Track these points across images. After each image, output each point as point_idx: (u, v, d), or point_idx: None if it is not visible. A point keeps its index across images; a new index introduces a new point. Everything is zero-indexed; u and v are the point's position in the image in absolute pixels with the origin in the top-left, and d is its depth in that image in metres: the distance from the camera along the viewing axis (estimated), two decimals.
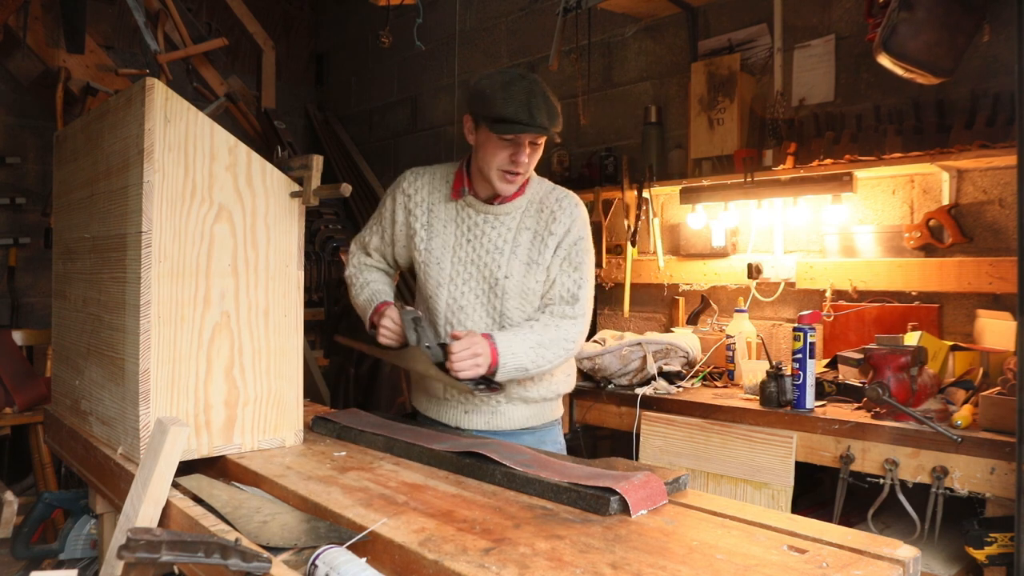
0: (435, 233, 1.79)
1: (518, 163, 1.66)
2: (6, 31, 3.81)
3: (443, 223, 1.79)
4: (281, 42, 5.37)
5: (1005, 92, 2.37)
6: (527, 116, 1.59)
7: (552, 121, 1.63)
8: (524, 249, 1.74)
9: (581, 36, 3.30)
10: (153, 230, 1.39)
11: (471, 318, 1.75)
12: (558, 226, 1.74)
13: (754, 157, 2.88)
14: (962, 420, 1.90)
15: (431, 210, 1.80)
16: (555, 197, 1.78)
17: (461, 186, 1.77)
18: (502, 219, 1.76)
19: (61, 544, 1.94)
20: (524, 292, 1.74)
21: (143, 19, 3.82)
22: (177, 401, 1.42)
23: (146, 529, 1.00)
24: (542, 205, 1.77)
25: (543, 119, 1.60)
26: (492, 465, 1.33)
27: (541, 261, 1.73)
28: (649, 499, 1.17)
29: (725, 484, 2.27)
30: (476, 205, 1.77)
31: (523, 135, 1.63)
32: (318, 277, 4.53)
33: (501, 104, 1.60)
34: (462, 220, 1.78)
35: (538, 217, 1.76)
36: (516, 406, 1.79)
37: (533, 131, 1.61)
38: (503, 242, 1.75)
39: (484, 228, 1.76)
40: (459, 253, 1.77)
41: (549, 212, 1.75)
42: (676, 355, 2.64)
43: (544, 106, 1.61)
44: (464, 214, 1.78)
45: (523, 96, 1.60)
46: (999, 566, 1.80)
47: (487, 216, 1.76)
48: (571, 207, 1.77)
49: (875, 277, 2.66)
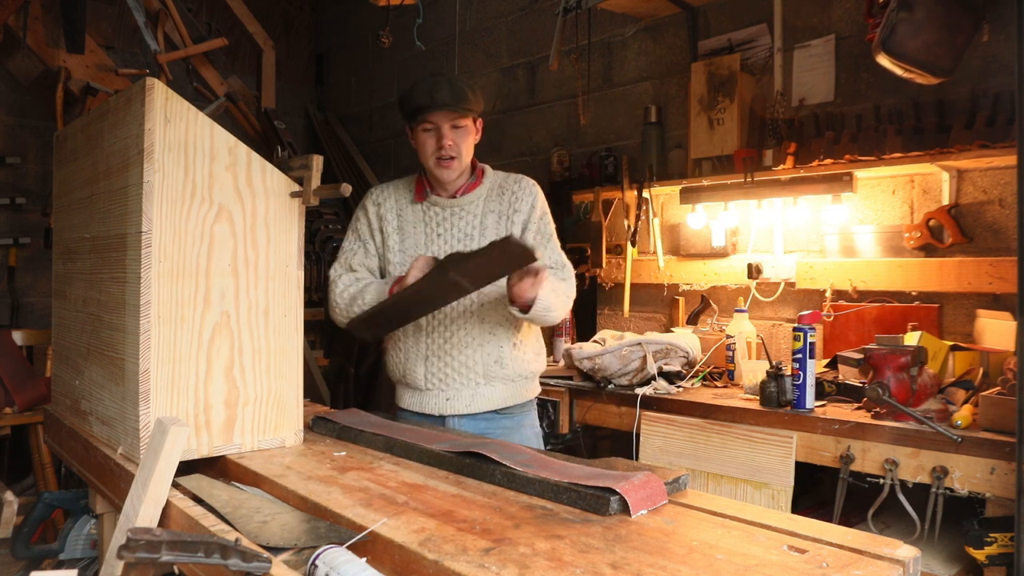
0: (407, 235, 1.92)
1: (443, 146, 1.81)
2: (6, 31, 3.81)
3: (412, 224, 1.92)
4: (281, 42, 5.37)
5: (1005, 92, 2.37)
6: (428, 100, 1.77)
7: (455, 99, 1.78)
8: (491, 230, 1.89)
9: (581, 36, 3.30)
10: (153, 230, 1.39)
11: (452, 306, 1.86)
12: (522, 204, 1.90)
13: (754, 157, 2.88)
14: (962, 420, 1.90)
15: (400, 215, 1.93)
16: (512, 180, 1.95)
17: (424, 188, 1.94)
18: (467, 208, 1.91)
19: (61, 544, 1.94)
20: None
21: (143, 19, 3.82)
22: (177, 401, 1.42)
23: (146, 529, 1.00)
24: (502, 189, 1.93)
25: (444, 98, 1.76)
26: (492, 465, 1.33)
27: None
28: (649, 499, 1.17)
29: (725, 484, 2.27)
30: (440, 202, 1.92)
31: (436, 118, 1.79)
32: (318, 277, 4.53)
33: (408, 99, 1.81)
34: (430, 218, 1.92)
35: (500, 200, 1.91)
36: (494, 386, 1.91)
37: (435, 111, 1.77)
38: (471, 228, 1.90)
39: (452, 220, 1.91)
40: (431, 248, 1.89)
41: (511, 193, 1.92)
42: (676, 355, 2.64)
43: (446, 88, 1.77)
44: (431, 212, 1.92)
45: (425, 86, 1.79)
46: (999, 566, 1.80)
47: (453, 209, 1.91)
48: (529, 186, 1.94)
49: (875, 277, 2.66)
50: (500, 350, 1.90)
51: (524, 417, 1.99)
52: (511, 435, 1.90)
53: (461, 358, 1.88)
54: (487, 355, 1.89)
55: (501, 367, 1.90)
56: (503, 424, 1.93)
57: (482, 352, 1.88)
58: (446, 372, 1.89)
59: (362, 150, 5.30)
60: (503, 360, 1.90)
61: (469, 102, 1.81)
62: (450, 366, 1.89)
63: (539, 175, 3.91)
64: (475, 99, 1.83)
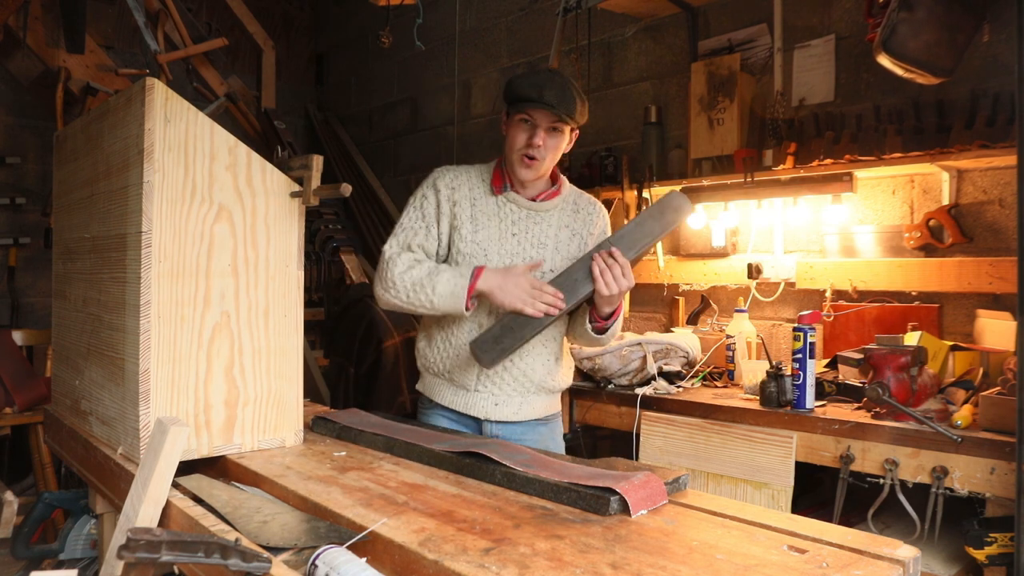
0: (480, 226, 1.83)
1: (533, 145, 1.74)
2: (6, 31, 3.81)
3: (487, 217, 1.84)
4: (281, 42, 5.37)
5: (1005, 92, 2.37)
6: (536, 94, 1.69)
7: (564, 103, 1.70)
8: (564, 245, 1.86)
9: (581, 36, 3.31)
10: (153, 230, 1.39)
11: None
12: (595, 227, 1.91)
13: (754, 157, 2.88)
14: (962, 420, 1.90)
15: (474, 204, 1.84)
16: (587, 200, 1.94)
17: (503, 182, 1.85)
18: (544, 215, 1.86)
19: (61, 544, 1.94)
20: None
21: (143, 19, 3.82)
22: (177, 401, 1.42)
23: (146, 529, 1.00)
24: (577, 206, 1.91)
25: (551, 98, 1.69)
26: (492, 465, 1.33)
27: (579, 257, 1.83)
28: (649, 499, 1.17)
29: (725, 484, 2.27)
30: (519, 201, 1.85)
31: (537, 115, 1.72)
32: (318, 277, 4.53)
33: (517, 87, 1.73)
34: (505, 215, 1.85)
35: (575, 216, 1.90)
36: (540, 396, 1.89)
37: (540, 107, 1.69)
38: (546, 238, 1.85)
39: (527, 224, 1.85)
40: (504, 246, 1.83)
41: (586, 213, 1.91)
42: (676, 355, 2.64)
43: (557, 88, 1.70)
44: (506, 209, 1.85)
45: (539, 80, 1.72)
46: (999, 566, 1.80)
47: (530, 212, 1.85)
48: (602, 211, 1.96)
49: (875, 277, 2.66)
50: (550, 362, 1.88)
51: (555, 425, 1.97)
52: (547, 442, 1.89)
53: (522, 366, 1.84)
54: (541, 366, 1.86)
55: (552, 379, 1.89)
56: (540, 431, 1.91)
57: (540, 362, 1.86)
58: (503, 377, 1.84)
59: (362, 150, 5.30)
60: (553, 372, 1.89)
61: (574, 110, 1.73)
62: (509, 372, 1.84)
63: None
64: (581, 109, 1.76)
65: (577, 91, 1.74)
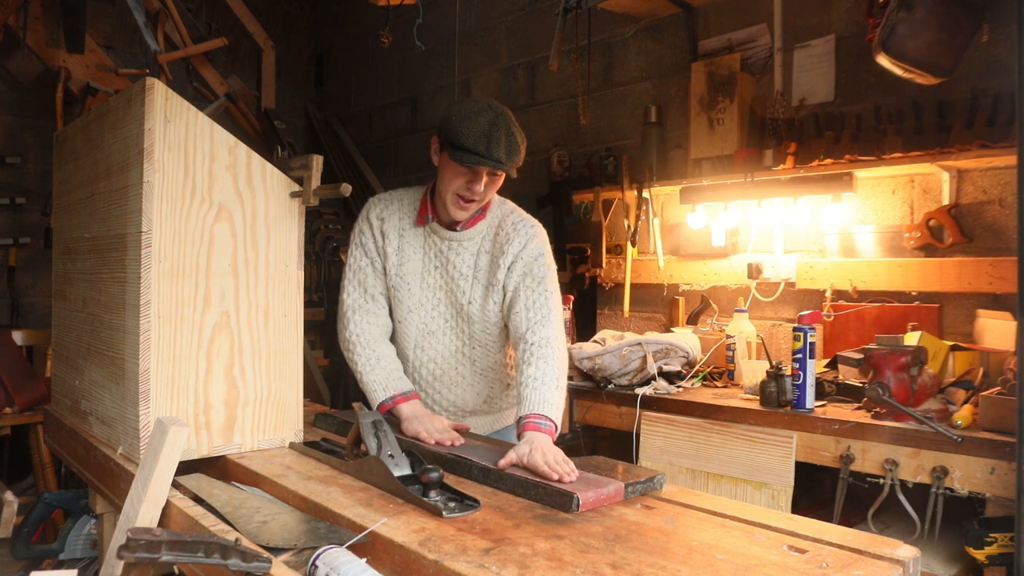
0: (406, 258, 1.81)
1: (473, 191, 1.66)
2: (6, 31, 3.81)
3: (412, 248, 1.81)
4: (281, 42, 5.37)
5: (1005, 92, 2.37)
6: (484, 149, 1.60)
7: (510, 157, 1.64)
8: (484, 273, 1.78)
9: (581, 36, 3.30)
10: (153, 230, 1.39)
11: (441, 342, 1.82)
12: (512, 245, 1.75)
13: (754, 157, 2.88)
14: (962, 420, 1.90)
15: (402, 235, 1.82)
16: (512, 220, 1.80)
17: (426, 213, 1.79)
18: (465, 244, 1.79)
19: (61, 544, 1.95)
20: (485, 316, 1.79)
21: (143, 19, 3.82)
22: (177, 401, 1.42)
23: (146, 529, 1.00)
24: (499, 228, 1.79)
25: (500, 154, 1.61)
26: (470, 462, 1.38)
27: (495, 282, 1.77)
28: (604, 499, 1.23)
29: (725, 484, 2.27)
30: (440, 232, 1.79)
31: (480, 167, 1.63)
32: (318, 277, 4.53)
33: (463, 133, 1.60)
34: (429, 246, 1.81)
35: (495, 240, 1.78)
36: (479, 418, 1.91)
37: (488, 164, 1.61)
38: (466, 268, 1.79)
39: (448, 255, 1.79)
40: (427, 279, 1.81)
41: (505, 234, 1.77)
42: (676, 355, 2.64)
43: (504, 141, 1.62)
44: (431, 240, 1.81)
45: (485, 128, 1.60)
46: (999, 566, 1.80)
47: (451, 243, 1.79)
48: (527, 228, 1.78)
49: (875, 277, 2.66)
50: (490, 390, 1.88)
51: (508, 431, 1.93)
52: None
53: (451, 396, 1.86)
54: (476, 395, 1.87)
55: (489, 405, 1.89)
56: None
57: (472, 392, 1.86)
58: (432, 409, 1.85)
59: (362, 150, 5.30)
60: (493, 399, 1.89)
61: (518, 161, 1.67)
62: (438, 404, 1.86)
63: (539, 175, 3.94)
64: (522, 155, 1.69)
65: (520, 134, 1.67)
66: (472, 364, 1.84)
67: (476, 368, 1.84)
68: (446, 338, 1.82)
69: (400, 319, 1.83)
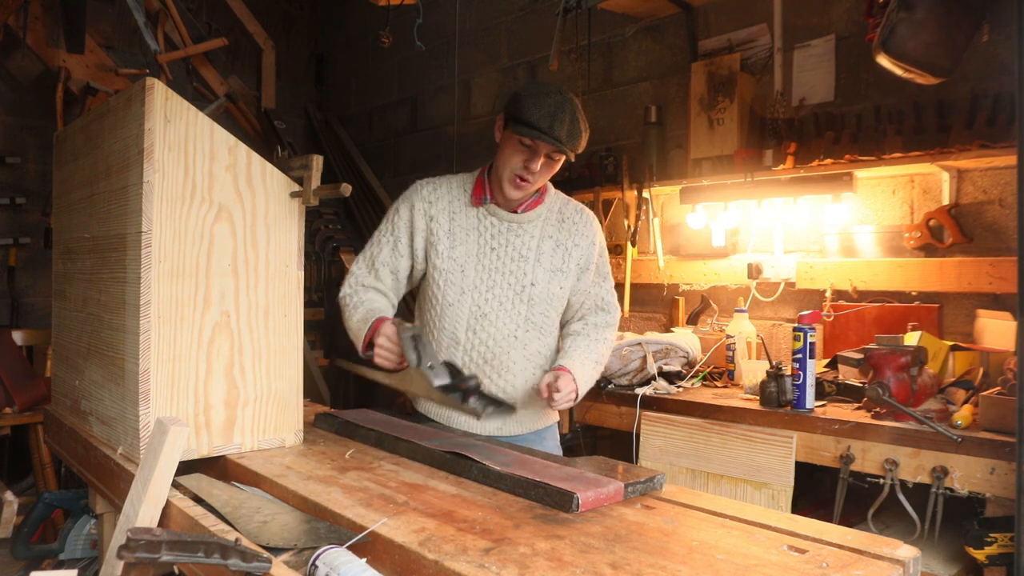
0: (458, 241, 1.79)
1: (530, 170, 1.69)
2: (6, 31, 3.81)
3: (465, 231, 1.80)
4: (281, 42, 5.37)
5: (1005, 92, 2.37)
6: (547, 126, 1.63)
7: (571, 140, 1.66)
8: (548, 257, 1.81)
9: (581, 36, 3.30)
10: (153, 230, 1.39)
11: (495, 324, 1.78)
12: (582, 239, 1.84)
13: (754, 157, 2.88)
14: (962, 420, 1.90)
15: (453, 218, 1.80)
16: (573, 208, 1.88)
17: (483, 194, 1.79)
18: (525, 227, 1.80)
19: (61, 544, 1.94)
20: (549, 298, 1.81)
21: (143, 19, 3.82)
22: (177, 401, 1.42)
23: (146, 529, 1.00)
24: (562, 215, 1.85)
25: (561, 133, 1.64)
26: (470, 462, 1.38)
27: (564, 269, 1.82)
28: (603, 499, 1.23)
29: (725, 484, 2.27)
30: (499, 213, 1.79)
31: (540, 143, 1.66)
32: (318, 277, 4.53)
33: (528, 109, 1.64)
34: (484, 228, 1.80)
35: (559, 227, 1.83)
36: (527, 413, 1.86)
37: (548, 141, 1.63)
38: (527, 250, 1.79)
39: (508, 236, 1.79)
40: (483, 261, 1.79)
41: (571, 223, 1.84)
42: (676, 355, 2.64)
43: (568, 123, 1.65)
44: (487, 222, 1.80)
45: (550, 107, 1.64)
46: (999, 566, 1.80)
47: (510, 224, 1.80)
48: (591, 220, 1.88)
49: (875, 277, 2.66)
50: (535, 378, 1.81)
51: (547, 431, 1.93)
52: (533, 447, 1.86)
53: (500, 383, 1.80)
54: (525, 382, 1.82)
55: (531, 399, 1.83)
56: (528, 439, 1.85)
57: (522, 379, 1.81)
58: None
59: (362, 150, 5.30)
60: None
61: (579, 145, 1.69)
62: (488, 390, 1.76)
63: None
64: (584, 141, 1.71)
65: (584, 122, 1.70)
66: (524, 348, 1.80)
67: (527, 352, 1.80)
68: (499, 320, 1.78)
69: (452, 302, 1.78)
